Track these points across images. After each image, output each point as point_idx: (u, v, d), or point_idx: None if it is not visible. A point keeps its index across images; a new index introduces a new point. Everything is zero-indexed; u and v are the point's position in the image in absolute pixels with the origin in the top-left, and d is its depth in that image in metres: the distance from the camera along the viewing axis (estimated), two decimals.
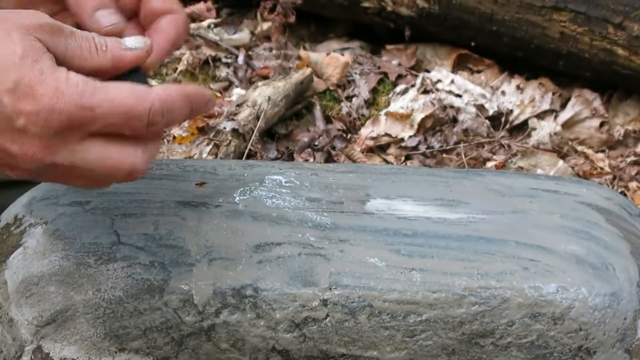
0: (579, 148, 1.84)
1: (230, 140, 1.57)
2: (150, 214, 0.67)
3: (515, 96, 1.93)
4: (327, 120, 1.89)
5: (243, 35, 2.12)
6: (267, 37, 2.12)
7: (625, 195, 1.71)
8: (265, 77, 1.91)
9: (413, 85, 1.94)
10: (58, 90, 0.51)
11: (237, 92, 1.79)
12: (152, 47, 0.58)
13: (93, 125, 0.52)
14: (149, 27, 0.63)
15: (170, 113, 0.54)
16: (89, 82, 0.52)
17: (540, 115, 1.91)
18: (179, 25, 0.63)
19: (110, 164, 0.53)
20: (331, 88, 1.95)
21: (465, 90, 1.91)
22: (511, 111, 1.91)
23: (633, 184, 1.76)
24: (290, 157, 1.73)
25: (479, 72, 2.03)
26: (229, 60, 1.98)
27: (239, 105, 1.65)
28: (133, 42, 0.57)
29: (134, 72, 0.57)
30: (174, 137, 1.88)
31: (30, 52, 0.51)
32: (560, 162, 1.78)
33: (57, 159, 0.52)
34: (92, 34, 0.56)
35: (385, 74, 2.02)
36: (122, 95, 0.52)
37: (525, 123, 1.91)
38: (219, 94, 1.81)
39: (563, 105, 1.94)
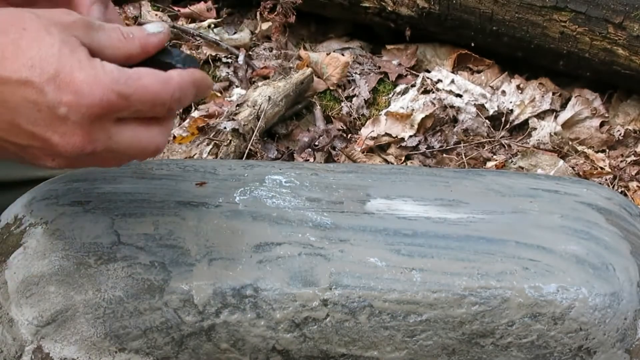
0: (579, 148, 1.84)
1: (231, 140, 1.57)
2: (150, 214, 0.67)
3: (516, 96, 1.93)
4: (327, 120, 1.89)
5: (243, 35, 2.12)
6: (267, 37, 2.12)
7: (625, 195, 1.71)
8: (265, 77, 1.91)
9: (413, 85, 1.94)
10: (97, 78, 0.53)
11: (237, 92, 1.79)
12: (168, 30, 0.60)
13: (126, 110, 0.54)
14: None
15: (185, 98, 0.57)
16: (122, 70, 0.54)
17: (541, 115, 1.91)
18: None
19: (141, 145, 0.56)
20: (331, 88, 1.95)
21: (466, 90, 1.91)
22: (511, 111, 1.91)
23: (633, 184, 1.76)
24: (291, 157, 1.73)
25: (479, 72, 2.03)
26: (229, 60, 1.98)
27: (239, 105, 1.65)
28: (154, 28, 0.59)
29: (162, 52, 0.60)
30: (174, 137, 1.88)
31: (67, 43, 0.53)
32: (561, 162, 1.78)
33: (96, 146, 0.54)
34: (117, 25, 0.58)
35: (386, 74, 2.02)
36: (150, 82, 0.55)
37: (525, 123, 1.91)
38: (219, 94, 1.81)
39: (563, 105, 1.94)
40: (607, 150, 1.87)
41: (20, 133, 0.54)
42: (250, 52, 2.05)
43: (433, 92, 1.91)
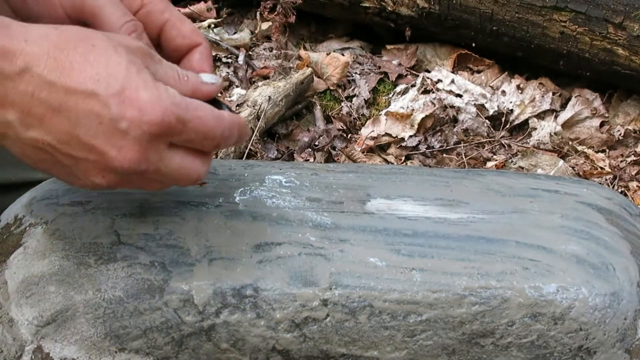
0: (579, 148, 1.84)
1: None
2: (150, 213, 0.67)
3: (516, 96, 1.93)
4: (327, 120, 1.89)
5: (243, 35, 2.12)
6: (267, 37, 2.12)
7: (625, 195, 1.71)
8: (265, 77, 1.91)
9: (413, 85, 1.94)
10: (160, 99, 0.55)
11: (237, 92, 1.79)
12: (222, 84, 0.63)
13: (180, 136, 0.56)
14: (178, 62, 0.65)
15: (230, 138, 0.60)
16: (183, 97, 0.57)
17: (541, 115, 1.91)
18: (209, 58, 0.66)
19: (185, 173, 0.58)
20: (331, 88, 1.95)
21: (466, 90, 1.91)
22: (511, 111, 1.91)
23: (633, 184, 1.76)
24: (291, 157, 1.73)
25: (479, 72, 2.03)
26: (229, 60, 1.98)
27: (239, 105, 1.65)
28: (208, 78, 0.62)
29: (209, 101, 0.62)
30: None
31: (134, 64, 0.55)
32: (561, 162, 1.78)
33: (149, 165, 0.56)
34: (175, 65, 0.61)
35: (386, 74, 2.02)
36: (206, 115, 0.57)
37: (525, 123, 1.91)
38: (219, 94, 1.81)
39: (563, 105, 1.94)
40: (607, 150, 1.87)
41: (78, 145, 0.55)
42: (250, 52, 2.04)
43: (433, 92, 1.91)
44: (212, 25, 2.15)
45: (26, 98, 0.53)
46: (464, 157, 1.83)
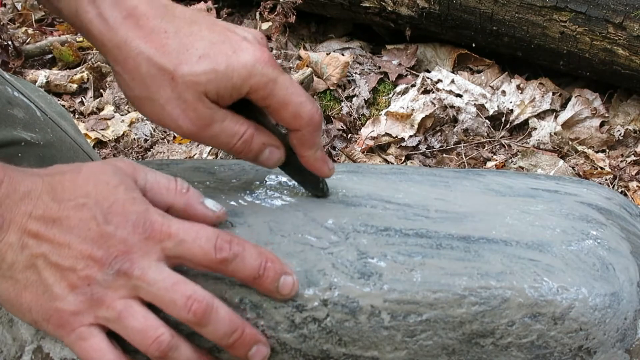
0: (579, 148, 1.84)
1: None
2: None
3: (516, 96, 1.93)
4: (328, 120, 1.89)
5: None
6: (267, 37, 2.12)
7: (625, 195, 1.71)
8: None
9: (413, 85, 1.94)
10: (147, 211, 0.58)
11: None
12: (224, 217, 0.63)
13: (168, 242, 0.58)
14: None
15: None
16: (167, 216, 0.59)
17: (541, 115, 1.91)
18: (306, 144, 0.66)
19: (174, 293, 0.58)
20: (331, 88, 1.95)
21: (466, 90, 1.91)
22: (511, 111, 1.91)
23: (633, 184, 1.76)
24: None
25: (479, 72, 2.03)
26: None
27: None
28: (211, 204, 0.62)
29: None
30: (175, 137, 1.89)
31: (123, 183, 0.58)
32: (561, 162, 1.78)
33: (133, 266, 0.57)
34: (172, 177, 0.62)
35: (386, 74, 2.02)
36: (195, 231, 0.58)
37: (525, 123, 1.91)
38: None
39: (563, 105, 1.94)
40: (607, 150, 1.87)
41: (69, 254, 0.57)
42: None
43: (433, 92, 1.91)
44: None
45: (24, 218, 0.57)
46: (464, 157, 1.83)
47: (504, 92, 1.94)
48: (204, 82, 0.61)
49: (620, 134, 1.87)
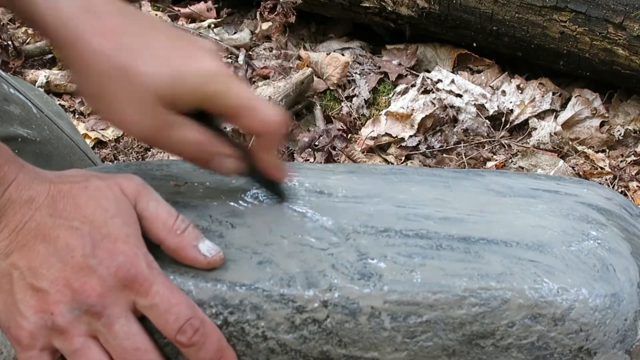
0: (579, 148, 1.84)
1: None
2: None
3: (516, 96, 1.93)
4: (328, 120, 1.90)
5: (243, 35, 2.12)
6: (267, 37, 2.12)
7: (625, 195, 1.71)
8: (265, 77, 1.91)
9: (413, 85, 1.94)
10: (136, 256, 0.56)
11: None
12: (217, 263, 0.61)
13: (143, 299, 0.57)
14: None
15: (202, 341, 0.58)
16: (155, 268, 0.58)
17: (541, 115, 1.91)
18: (265, 148, 0.66)
19: (132, 345, 0.57)
20: (331, 88, 1.95)
21: (466, 90, 1.91)
22: (511, 111, 1.91)
23: (633, 184, 1.76)
24: (291, 157, 1.73)
25: (479, 72, 2.03)
26: (229, 60, 1.98)
27: None
28: (207, 248, 0.61)
29: None
30: None
31: (121, 214, 0.57)
32: (561, 162, 1.78)
33: (104, 310, 0.56)
34: (175, 213, 0.61)
35: (386, 74, 2.02)
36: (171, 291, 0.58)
37: (525, 123, 1.91)
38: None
39: (563, 105, 1.94)
40: (607, 150, 1.87)
41: (45, 275, 0.56)
42: (250, 52, 2.04)
43: (433, 92, 1.91)
44: (212, 25, 2.15)
45: (19, 226, 0.56)
46: (464, 157, 1.83)
47: (504, 92, 1.93)
48: (160, 85, 0.60)
49: (620, 134, 1.87)
